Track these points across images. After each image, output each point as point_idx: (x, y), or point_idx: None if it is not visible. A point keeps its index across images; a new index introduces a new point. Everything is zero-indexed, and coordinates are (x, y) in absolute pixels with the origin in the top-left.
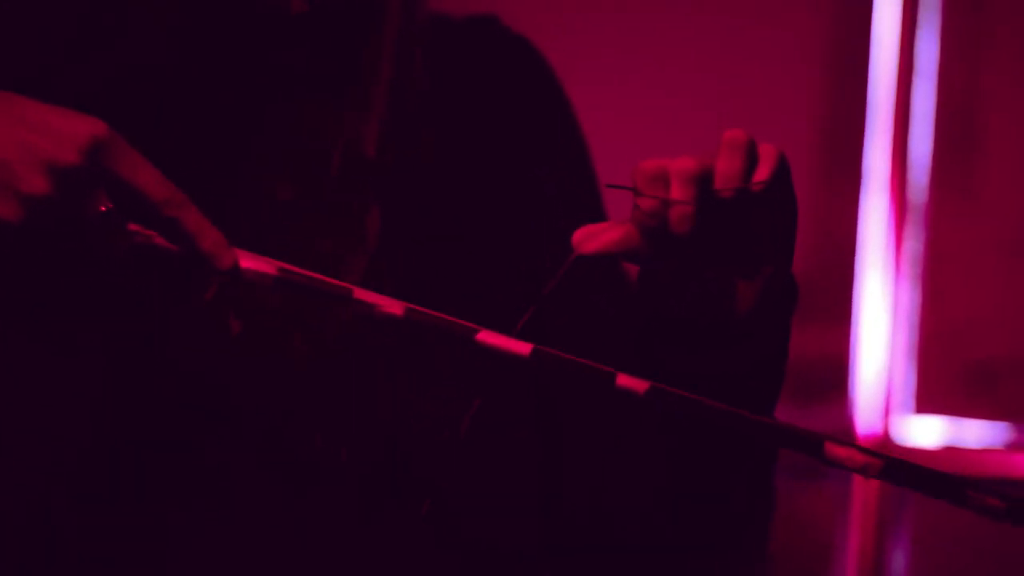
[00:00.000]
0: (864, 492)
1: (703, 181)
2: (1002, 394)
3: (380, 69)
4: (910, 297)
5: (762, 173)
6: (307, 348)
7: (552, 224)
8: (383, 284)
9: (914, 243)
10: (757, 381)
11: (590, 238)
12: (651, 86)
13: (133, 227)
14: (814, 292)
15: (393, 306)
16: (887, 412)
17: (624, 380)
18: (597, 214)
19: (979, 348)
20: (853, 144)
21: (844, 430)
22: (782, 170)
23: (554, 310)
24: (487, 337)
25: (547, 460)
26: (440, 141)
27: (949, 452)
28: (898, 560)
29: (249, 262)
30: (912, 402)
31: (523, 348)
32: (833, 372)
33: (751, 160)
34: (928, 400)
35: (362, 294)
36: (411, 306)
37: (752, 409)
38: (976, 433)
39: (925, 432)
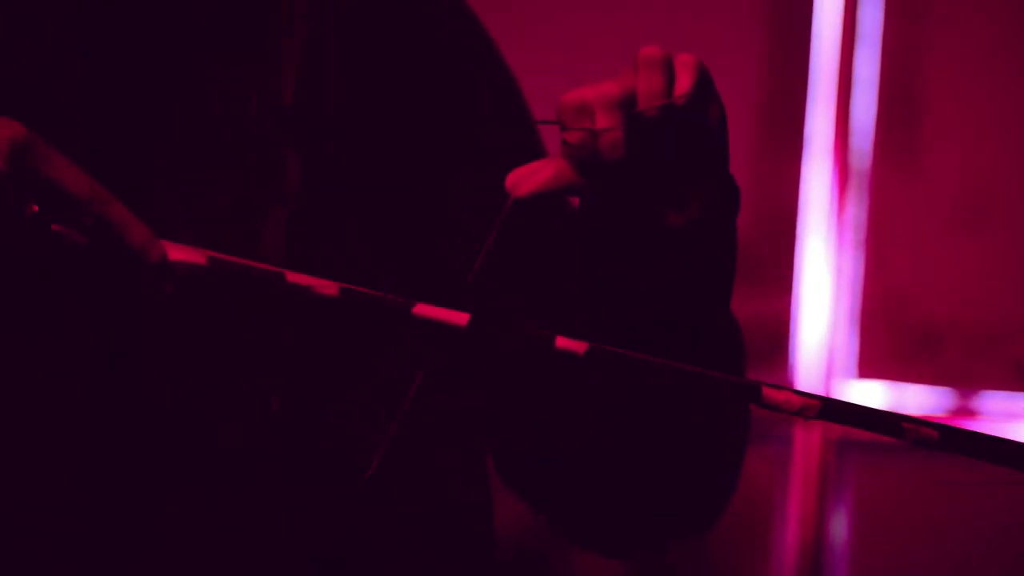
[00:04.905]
0: (805, 454)
1: (627, 104)
2: (944, 360)
3: (295, 15)
4: (852, 262)
5: (683, 85)
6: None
7: (485, 167)
8: (308, 235)
9: (856, 208)
10: (710, 283)
11: (523, 180)
12: (592, 48)
13: (57, 227)
14: (756, 257)
15: (328, 287)
16: (828, 377)
17: (564, 343)
18: (532, 156)
19: (921, 314)
20: (796, 109)
21: None
22: (703, 77)
23: (502, 257)
24: (423, 310)
25: (491, 424)
26: (363, 86)
27: None
28: (839, 523)
29: (178, 253)
30: (854, 367)
31: (460, 318)
32: (775, 337)
33: (670, 74)
34: (870, 365)
35: (295, 277)
36: (345, 286)
37: (708, 310)
38: (917, 399)
39: (866, 397)
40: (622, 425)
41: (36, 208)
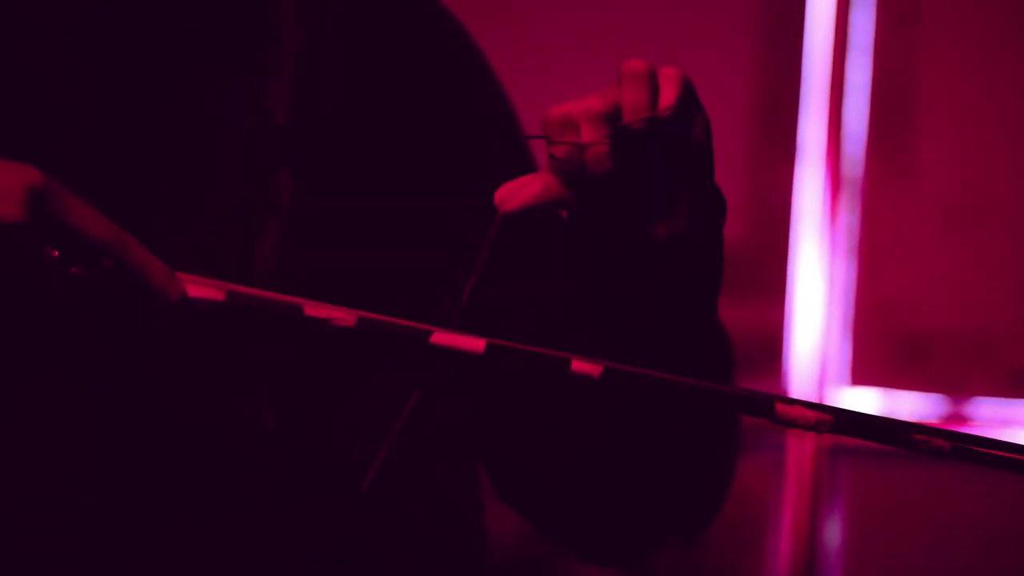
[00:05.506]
0: (798, 461)
1: (612, 117)
2: (937, 367)
3: (287, 32)
4: (845, 270)
5: (668, 98)
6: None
7: (473, 179)
8: (302, 249)
9: (849, 215)
10: (697, 293)
11: (511, 195)
12: (583, 55)
13: (75, 270)
14: (749, 264)
15: (346, 318)
16: (822, 385)
17: (579, 365)
18: (523, 171)
19: (914, 321)
20: (788, 116)
21: None
22: (687, 90)
23: (495, 271)
24: (441, 338)
25: (485, 445)
26: (362, 89)
27: None
28: (832, 530)
29: (197, 290)
30: (847, 375)
31: (477, 345)
32: (768, 344)
33: (654, 87)
34: (863, 373)
35: (313, 308)
36: (363, 314)
37: (695, 319)
38: (911, 406)
39: (860, 405)
40: (615, 436)
41: (56, 253)
